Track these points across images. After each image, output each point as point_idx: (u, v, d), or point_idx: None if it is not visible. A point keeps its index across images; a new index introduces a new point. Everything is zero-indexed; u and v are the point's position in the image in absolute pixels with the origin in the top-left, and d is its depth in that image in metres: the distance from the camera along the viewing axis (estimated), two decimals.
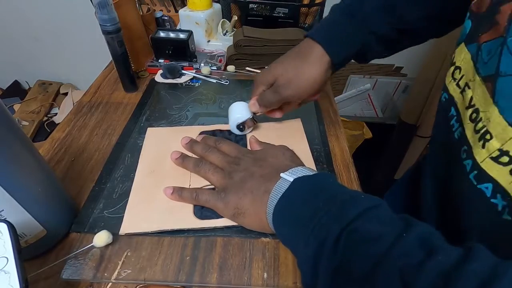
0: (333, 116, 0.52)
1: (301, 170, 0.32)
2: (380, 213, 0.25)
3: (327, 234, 0.24)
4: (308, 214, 0.27)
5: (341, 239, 0.24)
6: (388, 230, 0.23)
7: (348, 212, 0.25)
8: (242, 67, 0.62)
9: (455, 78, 0.31)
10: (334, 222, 0.25)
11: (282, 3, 0.65)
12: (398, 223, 0.24)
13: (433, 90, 1.16)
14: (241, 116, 0.43)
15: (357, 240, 0.23)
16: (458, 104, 0.30)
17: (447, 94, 0.32)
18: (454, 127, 0.30)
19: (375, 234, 0.23)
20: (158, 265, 0.31)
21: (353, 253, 0.23)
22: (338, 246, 0.23)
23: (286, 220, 0.29)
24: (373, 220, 0.24)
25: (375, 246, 0.22)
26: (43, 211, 0.30)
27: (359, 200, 0.26)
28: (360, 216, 0.24)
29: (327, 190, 0.28)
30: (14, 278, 0.22)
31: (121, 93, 0.56)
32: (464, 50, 0.30)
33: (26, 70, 1.44)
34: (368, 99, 1.43)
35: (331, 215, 0.25)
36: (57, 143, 0.45)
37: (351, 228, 0.24)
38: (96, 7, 0.45)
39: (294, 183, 0.30)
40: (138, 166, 0.41)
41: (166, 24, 0.69)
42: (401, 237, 0.22)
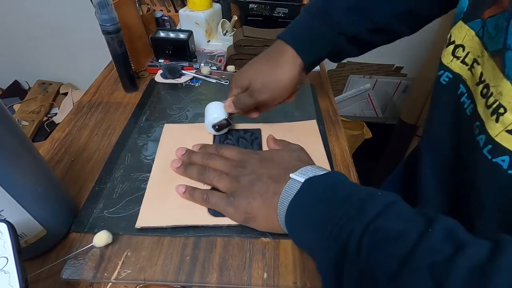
0: (333, 116, 0.52)
1: (310, 169, 0.31)
2: (400, 209, 0.24)
3: (349, 236, 0.24)
4: (325, 216, 0.26)
5: (364, 240, 0.23)
6: (411, 227, 0.22)
7: (367, 211, 0.24)
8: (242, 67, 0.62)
9: (458, 56, 0.31)
10: (354, 223, 0.24)
11: (282, 3, 0.65)
12: (420, 218, 0.23)
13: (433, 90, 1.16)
14: (217, 117, 0.43)
15: (380, 240, 0.22)
16: (467, 81, 0.30)
17: (450, 74, 0.32)
18: (466, 104, 0.30)
19: (398, 232, 0.22)
20: (158, 265, 0.31)
21: (377, 254, 0.22)
22: (361, 248, 0.23)
23: (300, 222, 0.28)
24: (394, 217, 0.24)
25: (400, 244, 0.21)
26: (43, 211, 0.30)
27: (377, 198, 0.25)
28: (381, 214, 0.24)
29: (341, 190, 0.28)
30: (14, 278, 0.22)
31: (121, 93, 0.56)
32: (464, 27, 0.30)
33: (26, 70, 1.44)
34: (368, 99, 1.43)
35: (350, 216, 0.25)
36: (57, 143, 0.45)
37: (372, 227, 0.23)
38: (96, 7, 0.45)
39: (305, 184, 0.29)
40: (154, 162, 0.41)
41: (166, 24, 0.69)
42: (426, 233, 0.21)
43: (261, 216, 0.32)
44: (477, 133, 0.27)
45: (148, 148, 0.44)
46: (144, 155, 0.43)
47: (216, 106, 0.44)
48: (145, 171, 0.40)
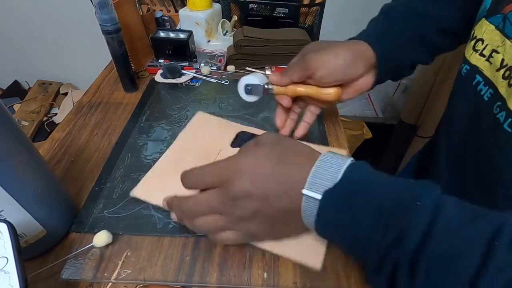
0: (333, 116, 0.52)
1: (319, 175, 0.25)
2: (449, 217, 0.21)
3: (394, 267, 0.22)
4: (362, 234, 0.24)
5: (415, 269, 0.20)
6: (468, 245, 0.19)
7: (409, 235, 0.21)
8: (242, 67, 0.62)
9: (477, 49, 0.34)
10: (396, 252, 0.21)
11: (282, 3, 0.65)
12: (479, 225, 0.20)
13: (433, 90, 1.16)
14: (253, 79, 0.41)
15: (436, 266, 0.20)
16: (484, 71, 0.33)
17: (468, 66, 0.35)
18: (483, 91, 0.33)
19: (457, 251, 0.19)
20: (158, 265, 0.31)
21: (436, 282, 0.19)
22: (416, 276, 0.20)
23: (334, 237, 0.27)
24: (444, 235, 0.20)
25: (462, 266, 0.19)
26: (43, 211, 0.30)
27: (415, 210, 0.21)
28: (427, 236, 0.20)
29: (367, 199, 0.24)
30: (14, 278, 0.22)
31: (121, 93, 0.56)
32: (485, 23, 0.34)
33: (26, 70, 1.45)
34: (368, 99, 1.43)
35: (388, 240, 0.22)
36: (57, 143, 0.45)
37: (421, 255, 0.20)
38: (96, 7, 0.45)
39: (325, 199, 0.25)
40: (173, 142, 0.42)
41: (166, 24, 0.69)
42: (492, 248, 0.18)
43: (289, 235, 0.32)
44: (497, 111, 0.30)
45: (148, 148, 0.44)
46: (144, 155, 0.43)
47: (252, 75, 0.42)
48: (145, 171, 0.40)
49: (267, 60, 0.62)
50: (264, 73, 0.43)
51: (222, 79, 0.59)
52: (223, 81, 0.58)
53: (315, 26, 0.70)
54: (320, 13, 0.68)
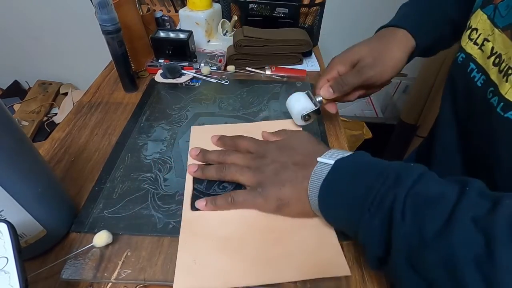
0: (333, 116, 0.52)
1: (335, 152, 0.32)
2: (433, 176, 0.27)
3: (392, 202, 0.25)
4: (362, 189, 0.28)
5: (407, 204, 0.24)
6: (448, 189, 0.24)
7: (405, 179, 0.26)
8: (242, 67, 0.62)
9: (472, 38, 0.36)
10: (395, 189, 0.26)
11: (282, 3, 0.65)
12: (453, 182, 0.25)
13: (433, 90, 1.16)
14: (305, 107, 0.42)
15: (422, 202, 0.24)
16: (477, 59, 0.35)
17: (464, 54, 0.37)
18: (476, 78, 0.35)
19: (437, 194, 0.24)
20: (158, 265, 0.31)
21: (422, 215, 0.24)
22: (405, 212, 0.24)
23: (335, 201, 0.30)
24: (430, 183, 0.26)
25: (442, 204, 0.23)
26: (43, 211, 0.30)
27: (411, 168, 0.27)
28: (418, 181, 0.26)
29: (372, 166, 0.29)
30: (14, 278, 0.22)
31: (121, 93, 0.56)
32: (479, 13, 0.35)
33: (26, 70, 1.45)
34: (368, 99, 1.43)
35: (388, 185, 0.26)
36: (57, 143, 0.45)
37: (413, 192, 0.25)
38: (96, 7, 0.45)
39: (336, 164, 0.30)
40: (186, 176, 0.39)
41: (166, 24, 0.69)
42: (463, 192, 0.23)
43: (293, 201, 0.33)
44: (490, 96, 0.32)
45: (148, 148, 0.44)
46: (144, 155, 0.43)
47: (300, 96, 0.43)
48: (145, 171, 0.40)
49: (267, 60, 0.62)
50: (306, 92, 0.43)
51: (222, 79, 0.59)
52: (223, 81, 0.58)
53: (315, 26, 0.70)
54: (320, 13, 0.68)
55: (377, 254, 0.27)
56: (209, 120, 0.50)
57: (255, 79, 0.60)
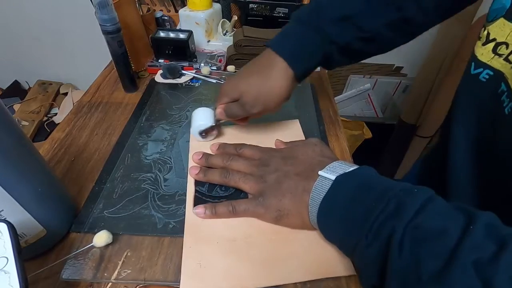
0: (333, 116, 0.52)
1: (338, 165, 0.31)
2: (437, 205, 0.24)
3: (390, 234, 0.24)
4: (361, 213, 0.26)
5: (405, 238, 0.23)
6: (451, 224, 0.22)
7: (406, 209, 0.24)
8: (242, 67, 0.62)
9: (501, 53, 0.30)
10: (394, 221, 0.24)
11: (282, 3, 0.65)
12: (459, 214, 0.23)
13: (433, 90, 1.16)
14: (204, 124, 0.42)
15: (421, 238, 0.23)
16: (509, 80, 0.29)
17: (491, 71, 0.31)
18: (505, 103, 0.29)
19: (439, 229, 0.22)
20: (158, 265, 0.31)
21: (420, 252, 0.22)
22: (403, 246, 0.23)
23: (334, 220, 0.29)
24: (433, 214, 0.24)
25: (442, 242, 0.22)
26: (43, 211, 0.30)
27: (413, 194, 0.25)
28: (419, 212, 0.24)
29: (374, 186, 0.28)
30: (14, 278, 0.22)
31: (121, 93, 0.56)
32: (507, 25, 0.29)
33: (26, 70, 1.44)
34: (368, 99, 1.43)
35: (388, 213, 0.25)
36: (57, 143, 0.45)
37: (412, 225, 0.23)
38: (96, 7, 0.45)
39: (337, 181, 0.29)
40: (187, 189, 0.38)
41: (166, 24, 0.69)
42: (468, 230, 0.21)
43: (292, 213, 0.32)
44: None
45: (148, 148, 0.44)
46: (144, 155, 0.43)
47: (204, 112, 0.43)
48: (145, 171, 0.40)
49: None
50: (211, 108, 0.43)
51: (222, 79, 0.59)
52: (223, 81, 0.58)
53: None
54: None
55: (372, 282, 0.26)
56: None
57: None
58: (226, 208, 0.34)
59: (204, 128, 0.42)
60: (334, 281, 0.30)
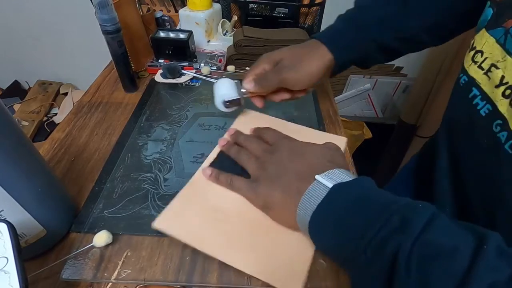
0: (333, 116, 0.52)
1: (338, 173, 0.30)
2: (443, 222, 0.23)
3: (395, 250, 0.22)
4: (359, 225, 0.25)
5: (413, 255, 0.22)
6: (462, 242, 0.21)
7: (412, 224, 0.23)
8: (242, 67, 0.62)
9: (476, 61, 0.33)
10: (399, 236, 0.23)
11: (282, 3, 0.65)
12: (467, 232, 0.22)
13: (433, 90, 1.16)
14: (227, 93, 0.42)
15: (432, 255, 0.21)
16: (481, 85, 0.32)
17: (466, 77, 0.34)
18: (479, 106, 0.32)
19: (450, 248, 0.21)
20: (158, 265, 0.31)
21: (431, 270, 0.21)
22: (410, 264, 0.21)
23: (328, 230, 0.28)
24: (441, 231, 0.22)
25: (455, 261, 0.21)
26: (43, 211, 0.30)
27: (417, 209, 0.24)
28: (427, 228, 0.22)
29: (374, 198, 0.27)
30: (14, 278, 0.22)
31: (121, 93, 0.56)
32: (485, 35, 0.32)
33: (26, 70, 1.44)
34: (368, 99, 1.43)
35: (392, 228, 0.23)
36: (57, 143, 0.45)
37: (421, 241, 0.22)
38: (96, 7, 0.45)
39: (334, 190, 0.28)
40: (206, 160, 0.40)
41: (166, 24, 0.69)
42: (480, 250, 0.20)
43: (278, 209, 0.32)
44: (498, 130, 0.29)
45: (148, 148, 0.44)
46: (144, 155, 0.43)
47: (227, 82, 0.43)
48: (145, 171, 0.40)
49: None
50: (235, 80, 0.44)
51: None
52: None
53: (315, 26, 0.70)
54: (320, 13, 0.68)
55: None
56: (209, 120, 0.50)
57: None
58: (225, 179, 0.36)
59: (229, 98, 0.43)
60: (334, 281, 0.30)
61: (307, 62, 0.41)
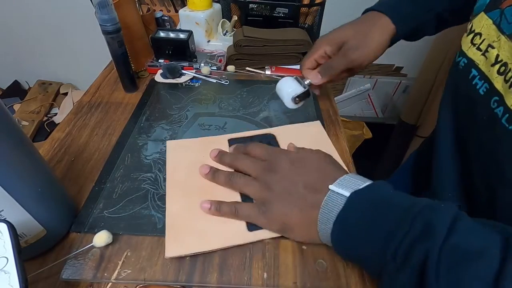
0: (333, 116, 0.52)
1: (350, 179, 0.30)
2: (467, 223, 0.23)
3: (423, 257, 0.22)
4: (382, 233, 0.25)
5: (442, 260, 0.21)
6: (489, 243, 0.21)
7: (436, 229, 0.22)
8: (242, 67, 0.62)
9: (475, 43, 0.34)
10: (426, 241, 0.22)
11: (282, 3, 0.65)
12: (492, 232, 0.22)
13: (433, 90, 1.16)
14: (295, 89, 0.43)
15: (460, 260, 0.21)
16: (479, 65, 0.33)
17: (466, 59, 0.35)
18: (478, 85, 0.33)
19: (478, 250, 0.21)
20: (158, 265, 0.31)
21: (462, 275, 0.21)
22: (440, 269, 0.21)
23: (352, 240, 0.28)
24: (467, 233, 0.22)
25: (484, 264, 0.20)
26: (43, 211, 0.30)
27: (440, 210, 0.24)
28: (452, 231, 0.22)
29: (393, 202, 0.27)
30: (14, 278, 0.22)
31: (121, 93, 0.56)
32: (483, 17, 0.34)
33: (26, 70, 1.44)
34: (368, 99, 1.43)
35: (416, 232, 0.23)
36: (57, 143, 0.45)
37: (448, 246, 0.22)
38: (96, 7, 0.45)
39: (352, 198, 0.28)
40: (167, 189, 0.37)
41: (166, 24, 0.69)
42: (509, 250, 0.20)
43: (299, 228, 0.31)
44: (495, 106, 0.30)
45: (148, 148, 0.44)
46: (144, 155, 0.43)
47: (289, 80, 0.44)
48: (145, 171, 0.40)
49: (267, 60, 0.62)
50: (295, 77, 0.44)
51: (222, 79, 0.59)
52: (223, 81, 0.58)
53: (315, 26, 0.70)
54: (320, 13, 0.68)
55: None
56: (209, 120, 0.50)
57: (255, 79, 0.60)
58: (229, 209, 0.33)
59: (298, 93, 0.43)
60: (334, 281, 0.30)
61: (371, 38, 0.41)
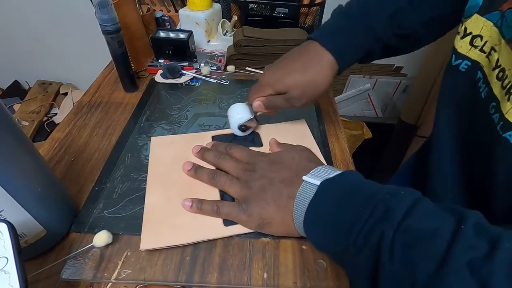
0: (333, 116, 0.52)
1: (323, 170, 0.31)
2: (426, 206, 0.24)
3: (380, 239, 0.23)
4: (348, 218, 0.26)
5: (396, 242, 0.23)
6: (441, 225, 0.22)
7: (394, 212, 0.24)
8: (242, 67, 0.62)
9: (476, 45, 0.33)
10: (384, 225, 0.24)
11: (282, 3, 0.65)
12: (448, 215, 0.23)
13: (433, 90, 1.16)
14: (242, 117, 0.43)
15: (412, 241, 0.22)
16: (484, 68, 0.32)
17: (469, 61, 0.34)
18: (481, 88, 0.32)
19: (430, 231, 0.22)
20: (158, 265, 0.31)
21: (412, 255, 0.22)
22: (394, 250, 0.22)
23: (321, 227, 0.28)
24: (422, 216, 0.24)
25: (434, 243, 0.22)
26: (43, 211, 0.30)
27: (400, 196, 0.25)
28: (408, 214, 0.24)
29: (360, 190, 0.28)
30: (14, 278, 0.22)
31: (121, 93, 0.56)
32: (480, 19, 0.32)
33: (26, 70, 1.44)
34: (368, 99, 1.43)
35: (376, 217, 0.24)
36: (57, 143, 0.45)
37: (402, 228, 0.23)
38: (96, 7, 0.45)
39: (322, 186, 0.29)
40: (147, 184, 0.38)
41: (166, 24, 0.69)
42: (459, 230, 0.21)
43: (276, 221, 0.32)
44: (493, 112, 0.30)
45: (148, 148, 0.44)
46: (144, 155, 0.43)
47: (239, 106, 0.43)
48: (145, 171, 0.40)
49: (267, 60, 0.62)
50: (246, 103, 0.44)
51: (222, 79, 0.59)
52: (223, 81, 0.58)
53: (315, 26, 0.70)
54: (320, 13, 0.68)
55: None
56: (209, 120, 0.50)
57: (255, 79, 0.60)
58: (210, 207, 0.34)
59: (243, 122, 0.43)
60: (334, 281, 0.30)
61: (316, 85, 0.40)
